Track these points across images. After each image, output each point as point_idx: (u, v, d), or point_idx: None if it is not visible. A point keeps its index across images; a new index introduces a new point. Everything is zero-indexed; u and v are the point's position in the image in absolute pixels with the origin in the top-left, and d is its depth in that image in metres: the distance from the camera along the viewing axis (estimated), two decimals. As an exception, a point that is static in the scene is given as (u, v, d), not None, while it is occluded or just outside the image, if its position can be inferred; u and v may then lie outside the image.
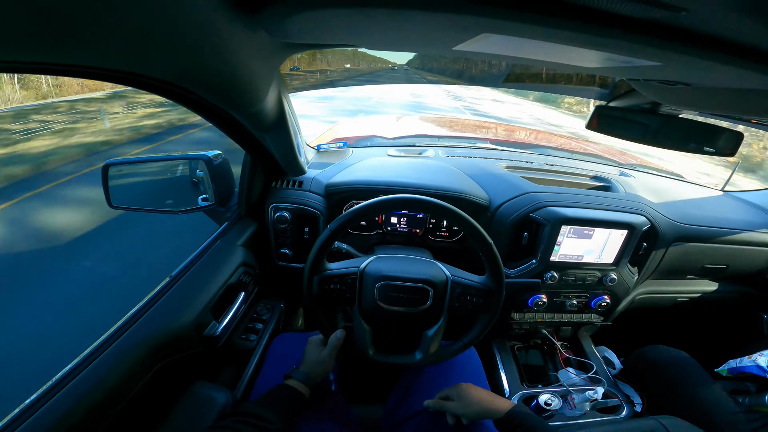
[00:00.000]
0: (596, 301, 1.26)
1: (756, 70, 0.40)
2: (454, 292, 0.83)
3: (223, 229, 1.13)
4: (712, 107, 0.66)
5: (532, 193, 1.14)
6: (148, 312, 0.80)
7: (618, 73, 0.62)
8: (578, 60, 0.51)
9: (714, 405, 1.04)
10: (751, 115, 0.73)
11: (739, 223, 1.29)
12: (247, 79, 0.59)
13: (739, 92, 0.55)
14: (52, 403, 0.60)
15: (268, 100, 0.73)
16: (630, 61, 0.45)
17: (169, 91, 0.61)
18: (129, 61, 0.44)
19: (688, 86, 0.58)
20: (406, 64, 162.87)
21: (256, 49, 0.55)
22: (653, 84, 0.65)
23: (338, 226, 0.78)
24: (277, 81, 0.77)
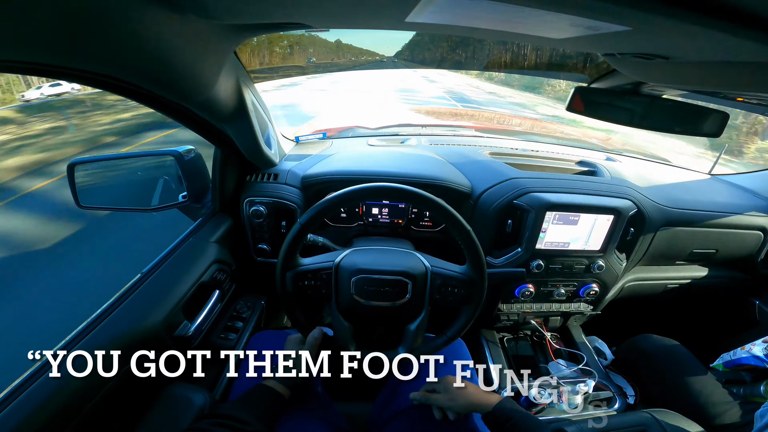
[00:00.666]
0: (585, 290, 1.23)
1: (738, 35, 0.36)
2: (435, 283, 0.80)
3: (196, 225, 1.09)
4: (693, 83, 0.63)
5: (516, 179, 1.11)
6: (116, 310, 0.78)
7: (588, 45, 0.58)
8: (542, 29, 0.47)
9: (708, 396, 1.03)
10: (737, 92, 0.70)
11: (728, 207, 1.27)
12: (188, 66, 0.56)
13: (722, 66, 0.52)
14: (12, 407, 0.57)
15: (220, 88, 0.69)
16: (597, 27, 0.41)
17: (111, 85, 0.58)
18: (56, 55, 0.42)
19: (666, 60, 0.54)
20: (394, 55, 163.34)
21: (190, 33, 0.52)
22: (630, 59, 0.62)
23: (309, 219, 0.74)
24: (232, 68, 0.73)
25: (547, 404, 1.11)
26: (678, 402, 1.02)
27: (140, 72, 0.52)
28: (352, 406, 1.00)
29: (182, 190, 1.12)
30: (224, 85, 0.71)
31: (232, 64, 0.72)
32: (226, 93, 0.73)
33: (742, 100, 0.75)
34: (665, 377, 1.13)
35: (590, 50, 0.66)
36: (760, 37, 0.36)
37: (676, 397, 1.06)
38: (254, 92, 0.91)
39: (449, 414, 0.79)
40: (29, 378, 0.63)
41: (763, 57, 0.42)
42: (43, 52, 0.41)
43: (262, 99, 0.99)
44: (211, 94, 0.67)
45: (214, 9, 0.48)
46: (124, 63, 0.48)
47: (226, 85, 0.72)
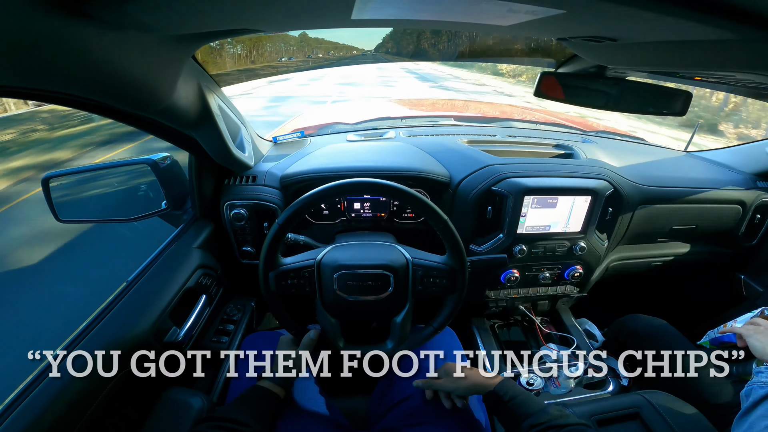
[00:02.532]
0: (569, 272, 1.24)
1: (673, 15, 0.36)
2: (416, 274, 0.81)
3: (178, 232, 1.08)
4: (647, 63, 0.64)
5: (492, 165, 1.11)
6: (105, 319, 0.78)
7: (535, 30, 0.59)
8: (486, 17, 0.48)
9: (698, 377, 1.03)
10: (691, 71, 0.71)
11: (704, 182, 1.29)
12: (139, 78, 0.55)
13: (670, 45, 0.53)
14: (9, 422, 0.57)
15: (180, 95, 0.68)
16: (535, 11, 0.41)
17: (68, 101, 0.58)
18: (6, 76, 0.42)
19: (614, 41, 0.55)
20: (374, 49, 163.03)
21: (136, 47, 0.51)
22: (581, 43, 0.62)
23: (286, 219, 0.74)
24: (192, 74, 0.73)
25: (541, 390, 1.12)
26: (669, 381, 1.02)
27: (93, 88, 0.51)
28: (350, 401, 1.01)
29: (161, 197, 1.11)
30: (185, 92, 0.70)
31: (191, 70, 0.72)
32: (187, 100, 0.73)
33: (700, 78, 0.76)
34: (655, 357, 1.12)
35: (540, 35, 0.67)
36: (698, 17, 0.36)
37: (667, 378, 1.06)
38: (221, 96, 0.91)
39: (457, 401, 0.80)
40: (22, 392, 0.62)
41: (705, 35, 0.43)
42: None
43: (231, 102, 0.98)
44: (170, 102, 0.66)
45: (153, 24, 0.48)
46: (74, 80, 0.48)
47: (187, 92, 0.72)
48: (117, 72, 0.50)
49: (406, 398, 0.87)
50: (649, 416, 0.83)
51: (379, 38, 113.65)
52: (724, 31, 0.38)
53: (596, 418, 0.84)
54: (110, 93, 0.55)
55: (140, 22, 0.47)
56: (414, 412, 0.84)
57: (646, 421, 0.82)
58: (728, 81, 0.70)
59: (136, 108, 0.64)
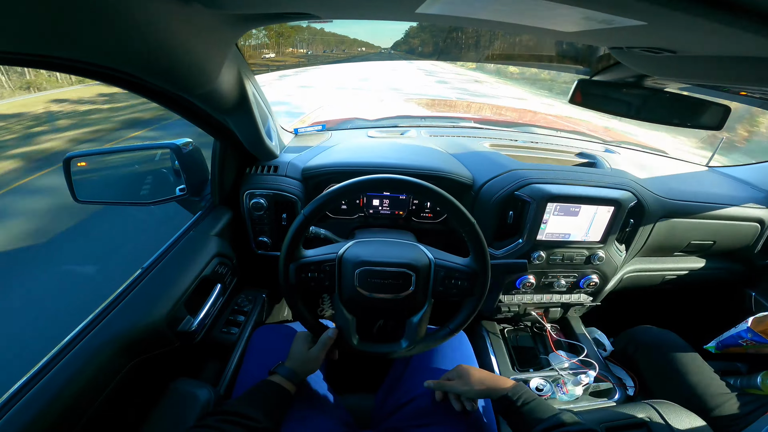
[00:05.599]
0: (585, 281, 1.24)
1: (751, 31, 0.36)
2: (438, 275, 0.80)
3: (196, 219, 1.08)
4: (699, 77, 0.63)
5: (517, 170, 1.10)
6: (117, 307, 0.77)
7: (598, 38, 0.58)
8: (554, 22, 0.47)
9: (705, 387, 1.03)
10: (741, 86, 0.70)
11: (725, 198, 1.28)
12: (192, 58, 0.55)
13: (730, 60, 0.52)
14: (18, 408, 0.56)
15: (223, 80, 0.68)
16: (611, 20, 0.41)
17: (111, 77, 0.56)
18: (53, 46, 0.41)
19: (673, 54, 0.54)
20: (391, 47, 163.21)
21: (195, 24, 0.50)
22: (637, 53, 0.61)
23: (312, 211, 0.74)
24: (234, 60, 0.72)
25: (549, 395, 1.12)
26: (676, 393, 1.02)
27: (142, 64, 0.50)
28: (354, 398, 1.00)
29: (180, 183, 1.11)
30: (227, 77, 0.70)
31: (234, 55, 0.71)
32: (228, 85, 0.72)
33: (745, 93, 0.75)
34: (663, 369, 1.14)
35: (598, 44, 0.65)
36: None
37: (674, 389, 1.06)
38: (255, 84, 0.90)
39: (467, 404, 0.80)
40: (34, 377, 0.62)
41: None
42: (38, 43, 0.40)
43: (262, 91, 0.97)
44: (214, 86, 0.65)
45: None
46: (125, 55, 0.47)
47: (229, 77, 0.71)
48: (171, 49, 0.50)
49: (413, 399, 0.86)
50: (657, 427, 0.83)
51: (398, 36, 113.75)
52: None
53: (605, 426, 0.84)
54: (159, 72, 0.54)
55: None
56: (421, 413, 0.83)
57: (654, 430, 0.82)
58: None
59: (182, 89, 0.64)
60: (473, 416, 0.82)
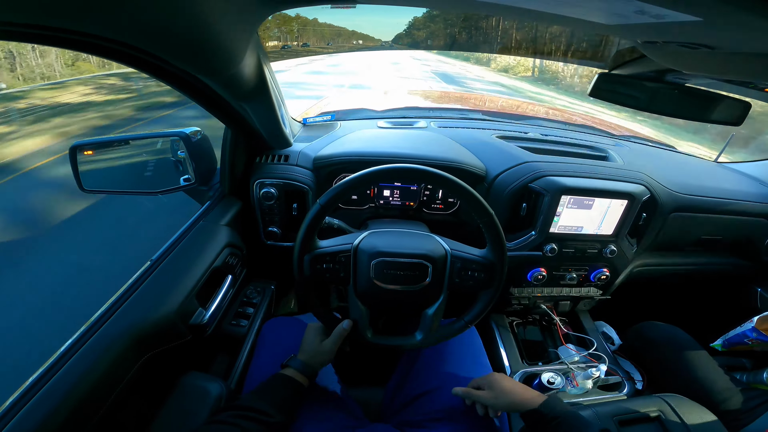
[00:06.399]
0: (596, 274, 1.24)
1: None
2: (454, 267, 0.79)
3: (206, 208, 1.06)
4: (730, 72, 0.62)
5: (531, 162, 1.10)
6: (128, 300, 0.75)
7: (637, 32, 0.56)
8: (596, 14, 0.45)
9: (712, 383, 1.04)
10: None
11: (736, 194, 1.28)
12: (219, 39, 0.53)
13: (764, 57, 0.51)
14: (32, 404, 0.55)
15: (246, 64, 0.66)
16: (664, 15, 0.39)
17: (130, 57, 0.54)
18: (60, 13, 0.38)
19: (710, 49, 0.53)
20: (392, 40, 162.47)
21: (223, 6, 0.48)
22: (672, 47, 0.60)
23: (329, 200, 0.72)
24: (255, 45, 0.70)
25: (559, 389, 1.11)
26: (683, 388, 1.02)
27: (166, 42, 0.48)
28: (363, 391, 0.99)
29: (188, 172, 1.09)
30: (249, 62, 0.68)
31: (255, 40, 0.69)
32: (249, 70, 0.70)
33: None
34: (669, 364, 1.14)
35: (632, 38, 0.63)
36: None
37: (681, 384, 1.07)
38: (271, 72, 0.88)
39: (490, 411, 0.78)
40: (47, 371, 0.60)
41: None
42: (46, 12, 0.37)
43: (276, 79, 0.95)
44: (236, 70, 0.64)
45: None
46: (147, 31, 0.45)
47: (250, 62, 0.69)
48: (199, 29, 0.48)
49: (426, 393, 0.86)
50: (669, 419, 0.83)
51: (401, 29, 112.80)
52: None
53: (618, 419, 0.84)
54: (186, 52, 0.52)
55: None
56: (436, 408, 0.83)
57: (667, 424, 0.82)
58: None
59: (204, 72, 0.62)
60: (486, 419, 0.81)
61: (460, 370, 0.91)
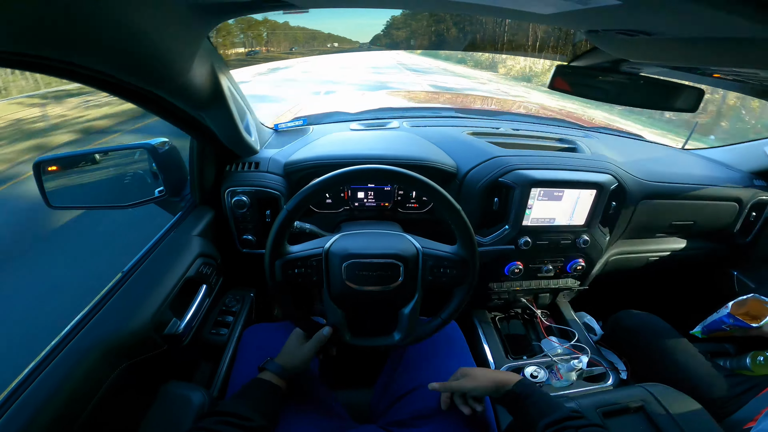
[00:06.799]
0: (571, 265, 1.25)
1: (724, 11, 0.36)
2: (426, 264, 0.79)
3: (177, 219, 1.05)
4: (674, 59, 0.63)
5: (500, 157, 1.11)
6: (100, 312, 0.74)
7: (574, 21, 0.57)
8: (530, 4, 0.46)
9: (694, 369, 1.04)
10: (715, 67, 0.70)
11: (703, 179, 1.31)
12: (161, 50, 0.52)
13: (704, 41, 0.52)
14: (6, 419, 0.54)
15: (196, 73, 0.66)
16: (587, 0, 0.40)
17: (74, 74, 0.52)
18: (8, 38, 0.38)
19: (648, 36, 0.54)
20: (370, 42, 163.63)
21: (163, 15, 0.48)
22: (612, 36, 0.61)
23: (295, 205, 0.72)
24: (207, 53, 0.70)
25: (543, 382, 1.13)
26: (666, 377, 1.03)
27: (107, 57, 0.48)
28: (352, 393, 1.00)
29: (159, 184, 1.07)
30: (199, 71, 0.67)
31: (206, 48, 0.69)
32: (201, 78, 0.70)
33: (719, 76, 0.76)
34: (650, 353, 1.15)
35: (574, 27, 0.65)
36: (746, 13, 0.35)
37: (664, 372, 1.08)
38: (230, 79, 0.88)
39: (476, 406, 0.78)
40: (20, 385, 0.59)
41: (745, 32, 0.42)
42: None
43: (238, 87, 0.95)
44: (185, 79, 0.63)
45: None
46: (89, 48, 0.45)
47: (201, 71, 0.69)
48: (138, 40, 0.47)
49: (411, 391, 0.86)
50: (653, 409, 0.83)
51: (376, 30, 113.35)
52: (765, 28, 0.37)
53: (602, 410, 0.84)
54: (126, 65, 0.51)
55: None
56: (422, 406, 0.83)
57: (651, 414, 0.83)
58: (748, 79, 0.70)
59: (151, 83, 0.61)
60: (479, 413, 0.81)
61: (444, 367, 0.91)
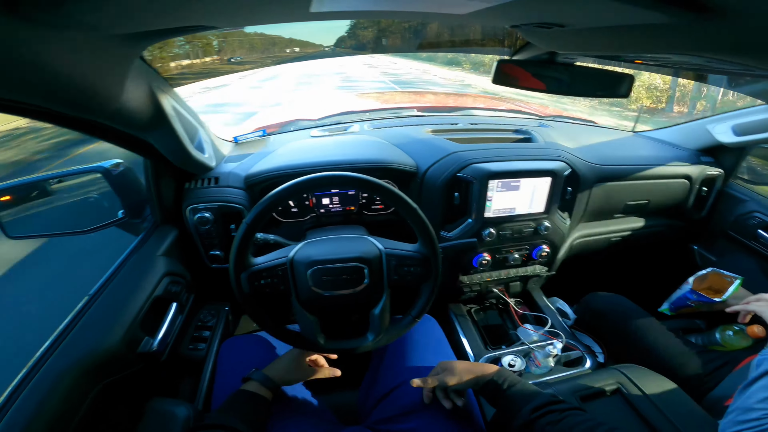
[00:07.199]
0: (537, 252, 1.29)
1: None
2: (390, 264, 0.81)
3: (139, 241, 1.04)
4: (593, 48, 0.66)
5: (457, 152, 1.14)
6: (70, 334, 0.75)
7: (490, 18, 0.60)
8: (445, 6, 0.48)
9: (665, 348, 1.05)
10: (633, 54, 0.74)
11: (652, 159, 1.37)
12: (86, 80, 0.52)
13: (613, 30, 0.54)
14: None
15: (129, 97, 0.65)
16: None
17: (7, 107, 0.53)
18: None
19: (562, 27, 0.57)
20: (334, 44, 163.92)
21: (80, 48, 0.48)
22: (532, 30, 0.64)
23: (254, 218, 0.73)
24: (141, 75, 0.70)
25: (522, 371, 1.14)
26: (639, 357, 1.04)
27: (38, 92, 0.48)
28: (339, 396, 1.01)
29: (118, 206, 1.06)
30: (135, 94, 0.67)
31: (139, 71, 0.69)
32: (138, 102, 0.70)
33: (641, 62, 0.80)
34: (620, 333, 1.16)
35: (494, 23, 0.68)
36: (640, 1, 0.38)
37: (637, 353, 1.08)
38: (174, 97, 0.88)
39: (457, 401, 0.80)
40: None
41: (642, 19, 0.45)
42: None
43: (185, 103, 0.95)
44: (120, 105, 0.63)
45: (96, 23, 0.45)
46: (16, 85, 0.45)
47: (137, 94, 0.69)
48: (62, 75, 0.47)
49: (394, 389, 0.87)
50: (630, 391, 0.85)
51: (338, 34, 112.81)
52: (658, 14, 0.40)
53: (579, 395, 0.85)
54: (56, 97, 0.51)
55: (83, 22, 0.44)
56: (406, 403, 0.84)
57: (627, 395, 0.84)
58: (666, 63, 0.74)
59: (85, 112, 0.61)
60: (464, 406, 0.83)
61: (424, 362, 0.92)
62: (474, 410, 0.85)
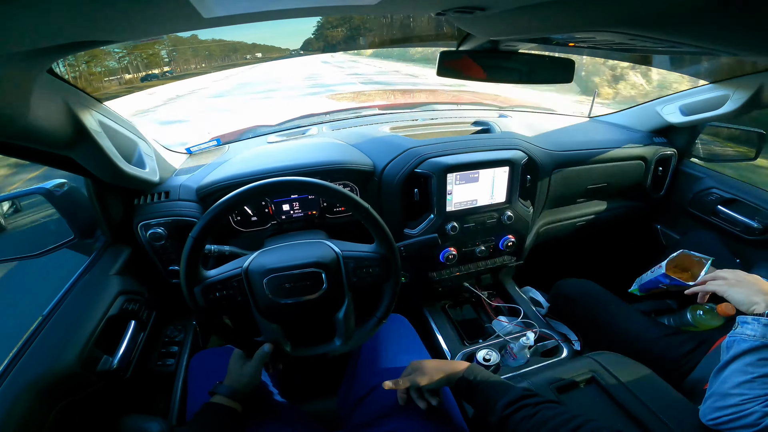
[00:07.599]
0: (503, 242, 1.29)
1: None
2: (348, 267, 0.79)
3: (90, 261, 1.00)
4: (520, 31, 0.66)
5: (413, 148, 1.13)
6: (24, 355, 0.74)
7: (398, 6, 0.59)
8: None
9: (637, 332, 1.05)
10: (560, 35, 0.73)
11: (607, 143, 1.40)
12: None
13: (534, 9, 0.53)
14: None
15: (39, 114, 0.62)
16: None
17: None
18: None
19: (483, 11, 0.56)
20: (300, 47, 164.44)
21: None
22: (458, 16, 0.63)
23: (200, 232, 0.70)
24: (51, 90, 0.67)
25: (499, 364, 1.11)
26: (613, 342, 1.04)
27: None
28: (318, 403, 1.01)
29: (65, 227, 1.02)
30: (45, 111, 0.64)
31: (49, 85, 0.65)
32: (51, 119, 0.66)
33: (573, 44, 0.81)
34: (591, 319, 1.17)
35: (408, 12, 0.67)
36: None
37: (610, 338, 1.08)
38: (102, 111, 0.84)
39: (432, 400, 0.78)
40: None
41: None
42: None
43: (120, 117, 0.91)
44: (27, 123, 0.60)
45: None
46: None
47: (48, 110, 0.65)
48: None
49: (370, 391, 0.86)
50: (604, 379, 0.84)
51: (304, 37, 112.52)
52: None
53: (555, 386, 0.84)
54: None
55: None
56: (384, 405, 0.83)
57: (603, 384, 0.83)
58: (595, 44, 0.74)
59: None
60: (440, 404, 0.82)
61: (397, 362, 0.92)
62: (452, 409, 0.84)
